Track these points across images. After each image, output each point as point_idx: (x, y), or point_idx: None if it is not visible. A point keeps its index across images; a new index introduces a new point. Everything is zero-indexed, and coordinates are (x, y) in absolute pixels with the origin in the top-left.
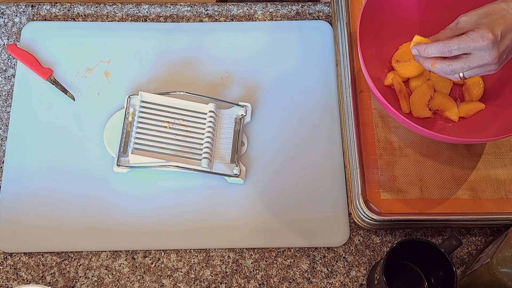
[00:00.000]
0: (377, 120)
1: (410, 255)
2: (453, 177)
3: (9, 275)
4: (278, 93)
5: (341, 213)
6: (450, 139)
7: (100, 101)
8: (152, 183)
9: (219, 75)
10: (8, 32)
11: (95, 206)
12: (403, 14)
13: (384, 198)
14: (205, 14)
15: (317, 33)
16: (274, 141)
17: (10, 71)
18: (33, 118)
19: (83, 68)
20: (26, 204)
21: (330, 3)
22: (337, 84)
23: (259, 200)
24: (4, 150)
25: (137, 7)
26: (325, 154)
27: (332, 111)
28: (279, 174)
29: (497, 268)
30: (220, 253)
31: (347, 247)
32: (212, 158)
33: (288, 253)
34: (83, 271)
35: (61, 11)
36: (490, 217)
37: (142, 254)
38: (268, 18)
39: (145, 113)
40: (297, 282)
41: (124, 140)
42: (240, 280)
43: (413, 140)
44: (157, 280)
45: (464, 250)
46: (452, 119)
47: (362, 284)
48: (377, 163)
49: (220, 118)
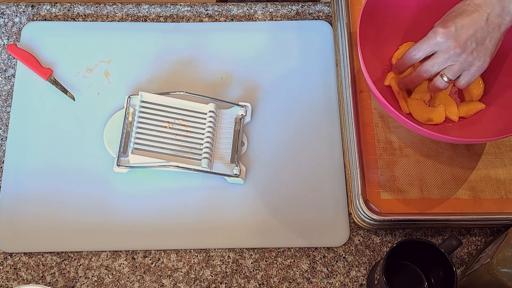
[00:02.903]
0: (377, 120)
1: (410, 255)
2: (453, 177)
3: (9, 275)
4: (278, 93)
5: (341, 213)
6: (450, 139)
7: (100, 101)
8: (152, 183)
9: (219, 75)
10: (8, 32)
11: (95, 206)
12: (403, 14)
13: (384, 198)
14: (205, 14)
15: (317, 33)
16: (274, 141)
17: (10, 71)
18: (33, 118)
19: (83, 68)
20: (26, 204)
21: (330, 3)
22: (337, 84)
23: (259, 200)
24: (4, 150)
25: (137, 7)
26: (325, 154)
27: (332, 111)
28: (279, 174)
29: (497, 268)
30: (220, 253)
31: (347, 247)
32: (212, 158)
33: (288, 253)
34: (83, 271)
35: (61, 11)
36: (490, 217)
37: (142, 254)
38: (268, 18)
39: (145, 113)
40: (297, 282)
41: (124, 140)
42: (240, 280)
43: (413, 140)
44: (157, 280)
45: (464, 250)
46: (452, 119)
47: (362, 284)
48: (377, 163)
49: (220, 118)
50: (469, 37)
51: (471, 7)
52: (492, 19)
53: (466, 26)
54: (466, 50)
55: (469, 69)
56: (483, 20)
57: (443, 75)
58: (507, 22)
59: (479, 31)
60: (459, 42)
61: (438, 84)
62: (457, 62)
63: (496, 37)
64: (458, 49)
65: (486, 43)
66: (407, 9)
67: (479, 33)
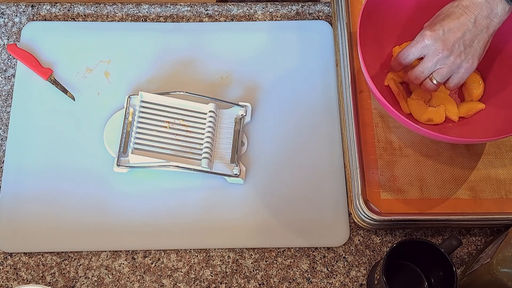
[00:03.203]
0: (377, 120)
1: (410, 255)
2: (453, 177)
3: (9, 275)
4: (278, 93)
5: (341, 213)
6: (450, 139)
7: (100, 101)
8: (152, 183)
9: (219, 75)
10: (8, 32)
11: (95, 206)
12: (403, 14)
13: (384, 198)
14: (205, 14)
15: (317, 33)
16: (274, 141)
17: (10, 71)
18: (33, 118)
19: (83, 68)
20: (26, 204)
21: (330, 3)
22: (337, 84)
23: (259, 200)
24: (4, 150)
25: (137, 7)
26: (325, 154)
27: (332, 111)
28: (279, 174)
29: (497, 268)
30: (220, 253)
31: (347, 247)
32: (212, 158)
33: (288, 253)
34: (83, 271)
35: (61, 11)
36: (490, 217)
37: (142, 254)
38: (268, 18)
39: (145, 113)
40: (297, 282)
41: (124, 140)
42: (240, 280)
43: (413, 140)
44: (157, 280)
45: (464, 250)
46: (452, 119)
47: (362, 284)
48: (377, 163)
49: (220, 118)
50: (456, 39)
51: (459, 9)
52: (480, 21)
53: (453, 29)
54: (454, 52)
55: (458, 71)
56: (471, 22)
57: (432, 78)
58: (495, 24)
59: (467, 33)
60: (446, 45)
61: (428, 86)
62: (445, 65)
63: (484, 38)
64: (446, 52)
65: (474, 45)
66: (407, 9)
67: (467, 36)
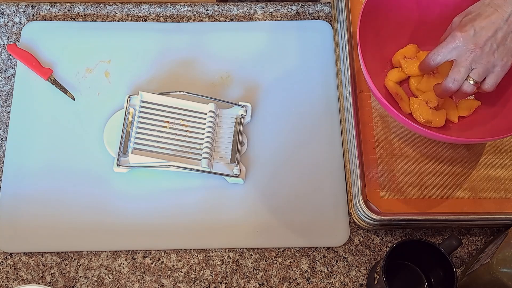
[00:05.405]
0: (377, 120)
1: (410, 255)
2: (453, 177)
3: (9, 275)
4: (278, 93)
5: (341, 213)
6: (450, 139)
7: (100, 101)
8: (152, 183)
9: (219, 75)
10: (8, 32)
11: (95, 206)
12: (403, 14)
13: (384, 198)
14: (205, 14)
15: (317, 33)
16: (274, 141)
17: (10, 71)
18: (33, 118)
19: (83, 68)
20: (26, 204)
21: (330, 3)
22: (337, 84)
23: (259, 200)
24: (4, 150)
25: (137, 7)
26: (325, 154)
27: (332, 111)
28: (279, 174)
29: (497, 268)
30: (220, 253)
31: (347, 247)
32: (212, 158)
33: (288, 253)
34: (83, 271)
35: (61, 11)
36: (490, 217)
37: (142, 254)
38: (268, 18)
39: (145, 113)
40: (297, 282)
41: (124, 140)
42: (240, 280)
43: (413, 140)
44: (157, 280)
45: (464, 250)
46: (452, 120)
47: (362, 284)
48: (377, 163)
49: (220, 118)
50: (488, 38)
51: (490, 7)
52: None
53: (485, 28)
54: (487, 51)
55: (493, 70)
56: (503, 20)
57: (469, 78)
58: None
59: (499, 31)
60: (478, 44)
61: (465, 88)
62: (479, 64)
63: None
64: (478, 51)
65: (507, 43)
66: (407, 9)
67: (499, 34)
